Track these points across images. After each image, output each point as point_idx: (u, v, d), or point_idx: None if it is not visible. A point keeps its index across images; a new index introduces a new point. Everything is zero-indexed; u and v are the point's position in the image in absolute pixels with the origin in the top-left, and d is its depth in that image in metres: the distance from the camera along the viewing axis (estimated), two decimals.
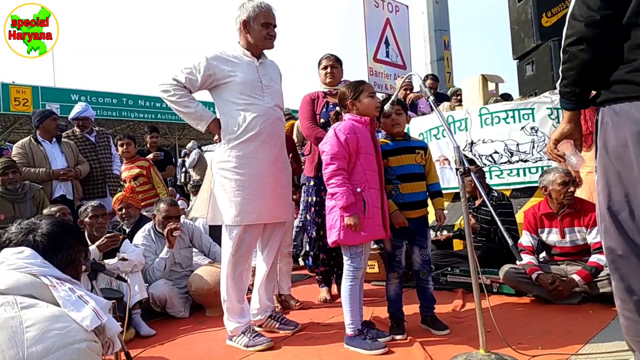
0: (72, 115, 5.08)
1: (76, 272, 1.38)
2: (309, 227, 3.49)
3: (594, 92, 1.61)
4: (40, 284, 1.18)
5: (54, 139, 4.69)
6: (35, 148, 4.52)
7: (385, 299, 2.74)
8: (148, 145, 6.27)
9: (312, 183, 3.44)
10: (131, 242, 3.41)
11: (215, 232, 3.77)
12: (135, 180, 4.63)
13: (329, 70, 3.42)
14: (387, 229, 2.53)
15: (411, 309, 2.80)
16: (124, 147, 4.75)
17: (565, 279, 2.97)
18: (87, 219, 3.24)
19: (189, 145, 10.14)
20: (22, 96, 14.23)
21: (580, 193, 4.01)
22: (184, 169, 9.24)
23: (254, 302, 2.87)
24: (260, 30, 2.66)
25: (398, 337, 2.57)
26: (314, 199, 3.41)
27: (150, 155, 5.78)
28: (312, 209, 3.42)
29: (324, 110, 3.35)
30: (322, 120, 3.34)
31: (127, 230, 3.81)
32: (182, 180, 9.21)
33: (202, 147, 13.73)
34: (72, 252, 1.36)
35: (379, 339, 2.46)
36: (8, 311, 1.09)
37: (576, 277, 2.89)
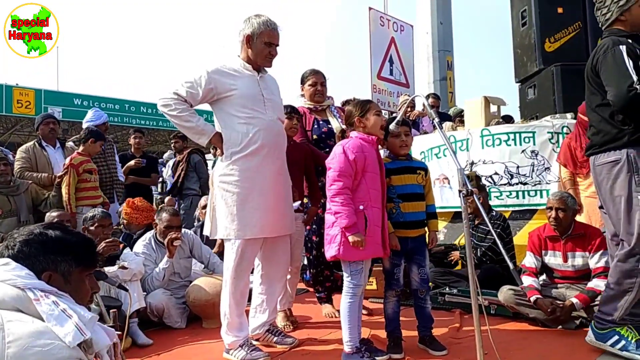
0: (89, 123, 5.00)
1: (61, 284, 1.26)
2: (309, 245, 3.47)
3: None
4: (25, 298, 1.15)
5: (58, 144, 4.71)
6: (38, 153, 4.54)
7: (383, 317, 2.75)
8: (132, 149, 5.97)
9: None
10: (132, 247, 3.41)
11: (212, 242, 3.76)
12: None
13: (318, 87, 3.41)
14: (387, 247, 2.54)
15: (409, 328, 2.80)
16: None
17: (563, 303, 2.97)
18: (92, 228, 3.24)
19: (166, 155, 9.65)
20: (24, 99, 14.28)
21: (579, 217, 4.03)
22: (160, 179, 8.68)
23: (252, 316, 2.86)
24: (262, 49, 2.67)
25: (395, 356, 2.57)
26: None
27: (132, 162, 5.47)
28: (308, 227, 3.39)
29: (315, 126, 3.35)
30: (314, 137, 3.33)
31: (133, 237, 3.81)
32: (159, 190, 8.74)
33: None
34: (43, 261, 1.25)
35: (376, 358, 2.45)
36: None
37: (575, 301, 2.89)
